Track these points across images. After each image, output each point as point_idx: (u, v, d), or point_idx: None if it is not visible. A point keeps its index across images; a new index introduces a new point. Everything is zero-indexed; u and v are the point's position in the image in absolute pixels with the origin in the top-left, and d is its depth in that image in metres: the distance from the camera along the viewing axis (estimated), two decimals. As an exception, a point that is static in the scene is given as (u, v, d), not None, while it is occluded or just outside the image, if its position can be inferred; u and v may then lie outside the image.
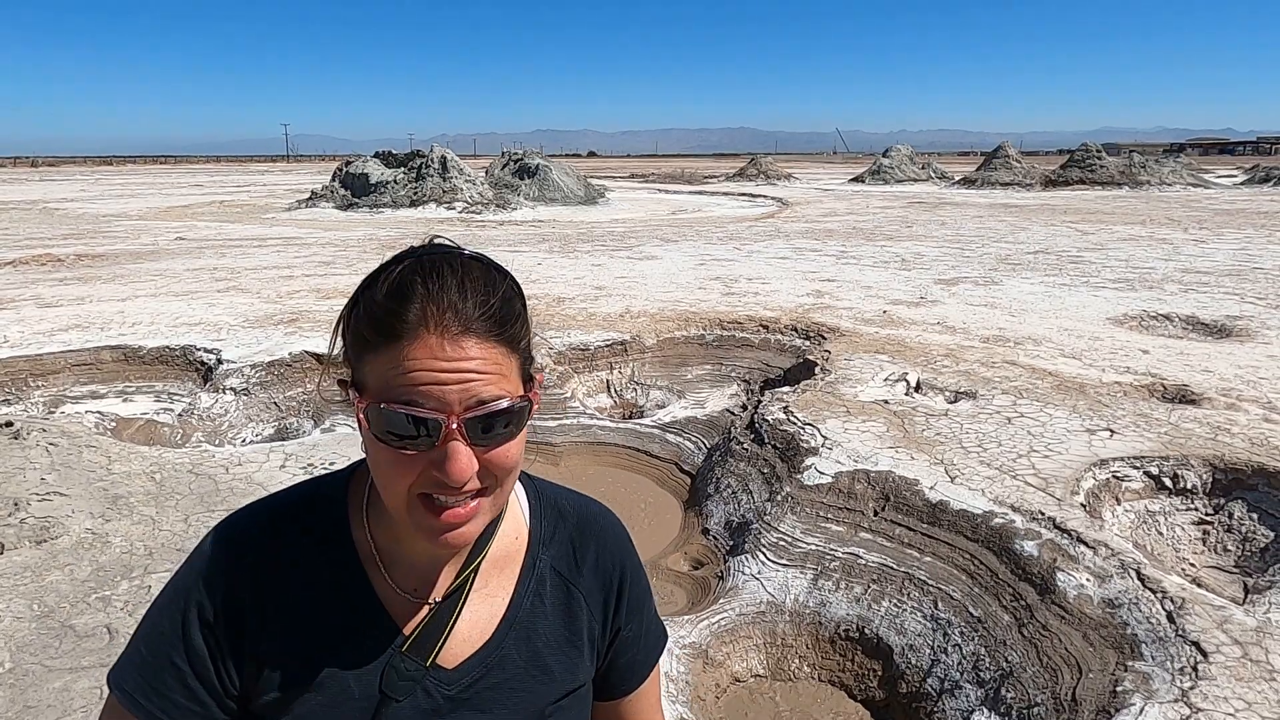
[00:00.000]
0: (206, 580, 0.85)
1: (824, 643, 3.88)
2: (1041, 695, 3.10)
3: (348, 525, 0.90)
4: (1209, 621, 3.17)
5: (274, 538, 0.87)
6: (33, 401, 6.76)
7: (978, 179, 38.85)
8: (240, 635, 0.84)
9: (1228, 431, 5.11)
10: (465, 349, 0.76)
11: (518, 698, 0.91)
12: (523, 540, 0.97)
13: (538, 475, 1.06)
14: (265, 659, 0.85)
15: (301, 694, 0.84)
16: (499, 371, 0.78)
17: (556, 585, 0.97)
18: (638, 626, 1.03)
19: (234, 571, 0.85)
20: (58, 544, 3.81)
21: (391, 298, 0.77)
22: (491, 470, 0.80)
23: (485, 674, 0.90)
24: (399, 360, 0.76)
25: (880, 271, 12.40)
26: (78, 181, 51.41)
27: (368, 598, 0.88)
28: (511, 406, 0.79)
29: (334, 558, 0.88)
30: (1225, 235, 17.23)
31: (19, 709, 2.72)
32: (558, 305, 9.55)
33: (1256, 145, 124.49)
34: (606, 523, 1.03)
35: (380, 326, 0.77)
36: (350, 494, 0.91)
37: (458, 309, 0.76)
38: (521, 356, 0.83)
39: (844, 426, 5.33)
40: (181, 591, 0.86)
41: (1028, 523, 3.96)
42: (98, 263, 13.28)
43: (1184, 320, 8.93)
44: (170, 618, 0.85)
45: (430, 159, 26.70)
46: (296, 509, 0.90)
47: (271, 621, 0.85)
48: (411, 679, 0.86)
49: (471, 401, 0.76)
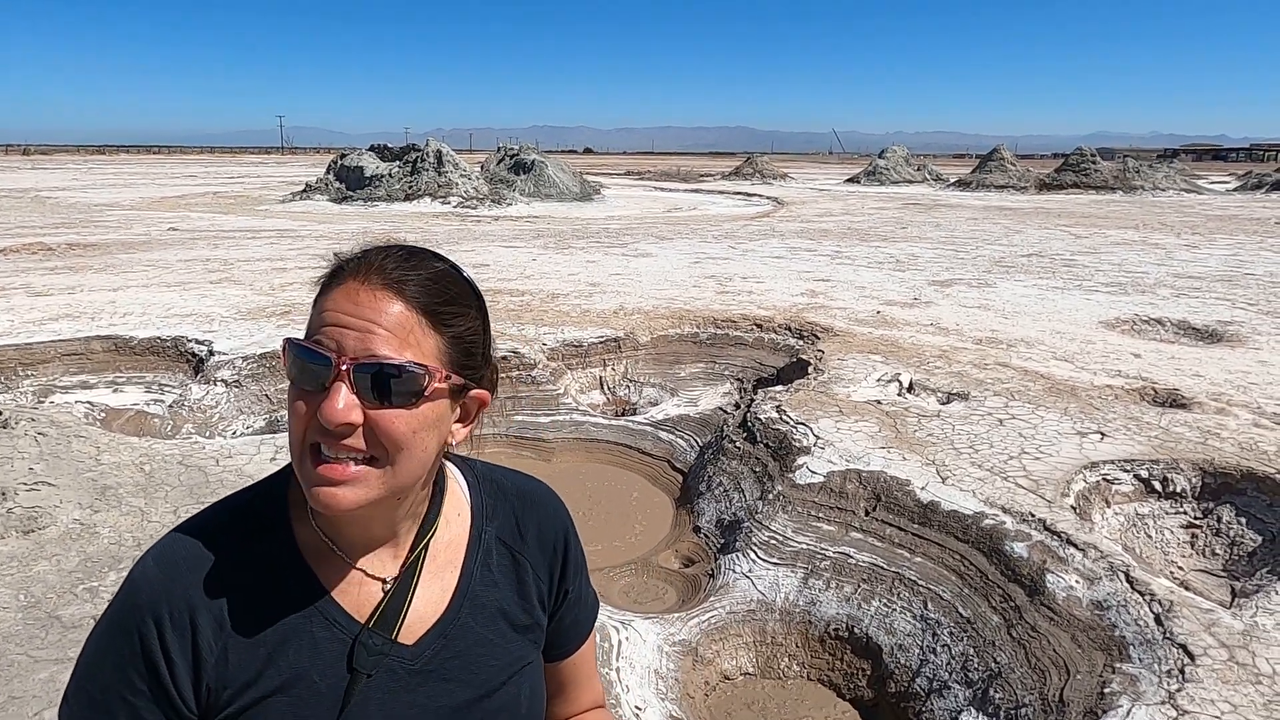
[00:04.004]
0: (150, 605, 0.83)
1: (814, 641, 3.88)
2: (1029, 696, 3.11)
3: (288, 522, 0.90)
4: (1197, 624, 3.18)
5: (214, 549, 0.86)
6: (22, 391, 6.71)
7: (973, 181, 38.94)
8: (193, 653, 0.83)
9: (1217, 436, 5.14)
10: (379, 303, 0.80)
11: (480, 664, 0.94)
12: (466, 517, 1.00)
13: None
14: (222, 672, 0.84)
15: (266, 698, 0.84)
16: (407, 339, 0.81)
17: (503, 555, 1.00)
18: (579, 588, 1.09)
19: (180, 593, 0.83)
20: (45, 534, 3.79)
21: (341, 258, 0.85)
22: (378, 435, 0.80)
23: (445, 645, 0.92)
24: (324, 303, 0.82)
25: (874, 272, 12.42)
26: (70, 170, 51.06)
27: (315, 593, 0.88)
28: (404, 367, 0.79)
29: (276, 559, 0.88)
30: (1217, 241, 17.31)
31: (4, 699, 2.70)
32: (551, 301, 9.53)
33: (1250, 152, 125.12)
34: (544, 494, 1.08)
35: (324, 279, 0.84)
36: (293, 488, 0.91)
37: (386, 270, 0.82)
38: (448, 343, 0.84)
39: (836, 426, 5.34)
40: (124, 619, 0.83)
41: (1018, 524, 3.97)
42: (89, 252, 13.19)
43: (1176, 325, 8.98)
44: (117, 649, 0.83)
45: (426, 153, 26.61)
46: (233, 517, 0.90)
47: (222, 634, 0.84)
48: (380, 653, 0.88)
49: (364, 352, 0.79)
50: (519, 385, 6.89)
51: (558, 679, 1.11)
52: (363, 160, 27.29)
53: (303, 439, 0.80)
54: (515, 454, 6.30)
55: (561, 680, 1.12)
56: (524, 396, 6.84)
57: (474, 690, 0.93)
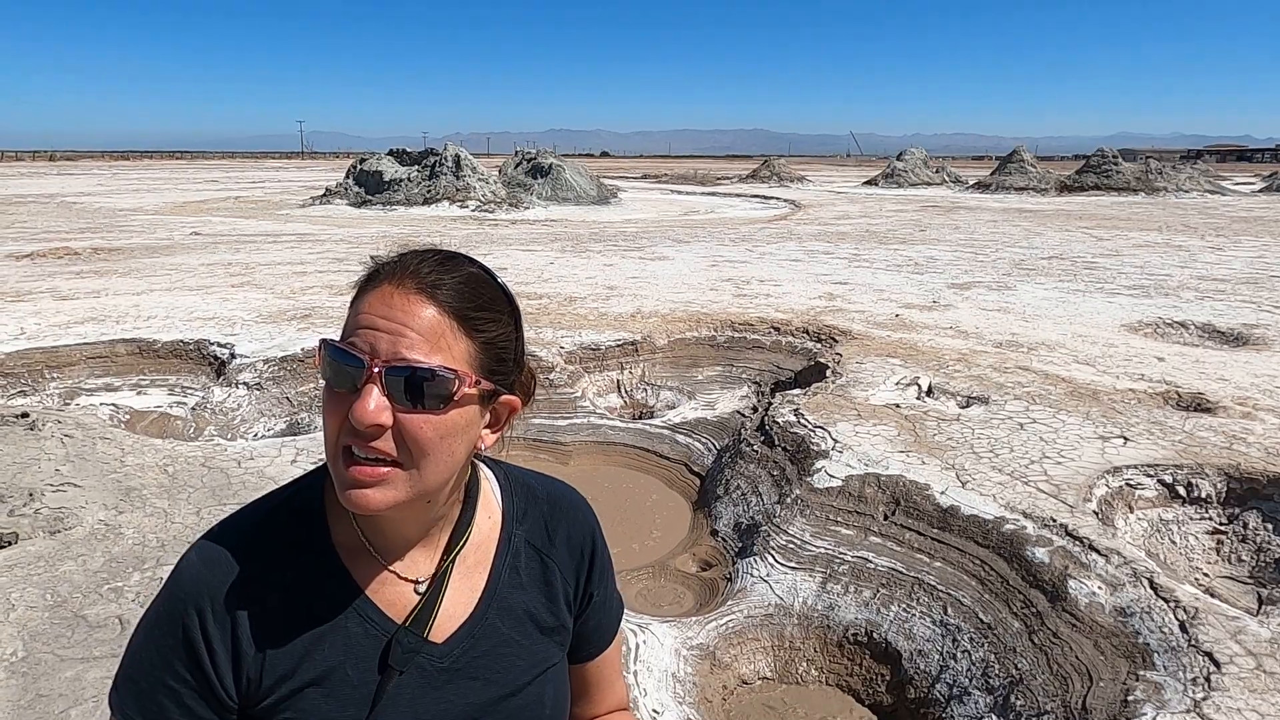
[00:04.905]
0: (193, 596, 0.86)
1: (832, 646, 3.86)
2: (1051, 703, 3.08)
3: (325, 523, 0.92)
4: (1222, 632, 3.14)
5: (254, 546, 0.89)
6: (48, 393, 6.82)
7: (992, 183, 38.64)
8: (234, 645, 0.86)
9: (1243, 440, 5.06)
10: (411, 307, 0.82)
11: (506, 664, 0.96)
12: (496, 520, 1.02)
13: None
14: (261, 664, 0.87)
15: (303, 689, 0.87)
16: (438, 343, 0.82)
17: (531, 558, 1.02)
18: (605, 591, 1.11)
19: (221, 587, 0.87)
20: (71, 534, 3.85)
21: (378, 261, 0.87)
22: (405, 439, 0.81)
23: (474, 644, 0.94)
24: (359, 306, 0.84)
25: (893, 275, 12.35)
26: (95, 176, 51.83)
27: (351, 591, 0.90)
28: (435, 371, 0.80)
29: (314, 558, 0.90)
30: (1243, 243, 17.07)
31: (31, 697, 2.74)
32: (569, 304, 9.55)
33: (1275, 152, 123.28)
34: (575, 499, 1.11)
35: (360, 282, 0.86)
36: (328, 490, 0.93)
37: (421, 274, 0.83)
38: (480, 348, 0.86)
39: (855, 430, 5.31)
40: (170, 610, 0.87)
41: (1039, 529, 3.93)
42: (114, 256, 13.38)
43: (1200, 328, 8.85)
44: (162, 638, 0.86)
45: (444, 157, 26.78)
46: (273, 515, 0.93)
47: (261, 627, 0.87)
48: (413, 650, 0.90)
49: (395, 355, 0.80)
50: (537, 388, 6.91)
51: (583, 681, 1.13)
52: (382, 165, 27.49)
53: (336, 440, 0.82)
54: (533, 457, 6.32)
55: (586, 682, 1.14)
56: (541, 400, 6.85)
57: (500, 689, 0.95)
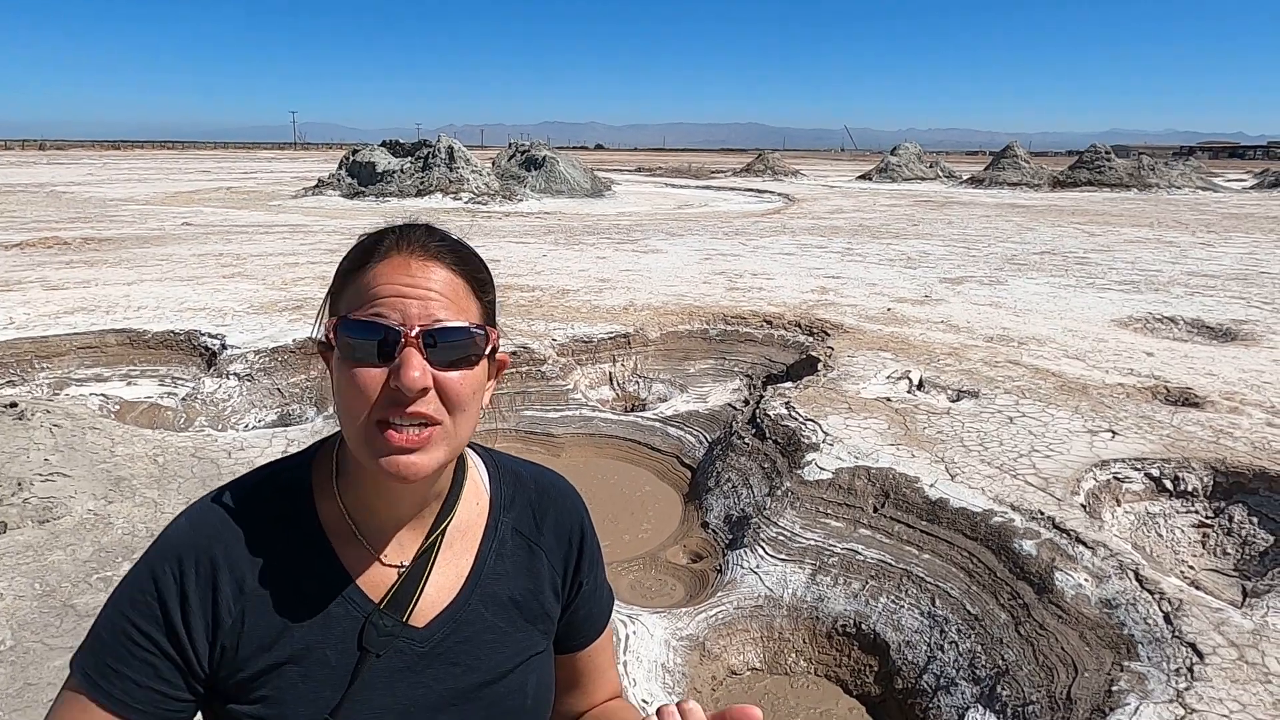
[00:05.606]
0: (177, 556, 0.86)
1: (821, 637, 3.89)
2: (1037, 694, 3.11)
3: (312, 501, 0.92)
4: (1206, 623, 3.17)
5: (242, 518, 0.90)
6: (38, 383, 6.78)
7: (985, 178, 38.72)
8: (213, 610, 0.86)
9: (1230, 435, 5.10)
10: (430, 271, 0.84)
11: (488, 651, 0.96)
12: (484, 506, 1.01)
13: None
14: (239, 635, 0.86)
15: (279, 666, 0.87)
16: (460, 303, 0.85)
17: (519, 545, 1.02)
18: (594, 580, 1.10)
19: (207, 549, 0.87)
20: (60, 524, 3.84)
21: (369, 236, 0.89)
22: (446, 396, 0.83)
23: (455, 629, 0.94)
24: (370, 278, 0.84)
25: (885, 269, 12.38)
26: (85, 165, 51.47)
27: (335, 570, 0.90)
28: (468, 328, 0.84)
29: (300, 535, 0.91)
30: (1233, 239, 17.17)
31: (19, 686, 2.74)
32: (562, 297, 9.55)
33: (1267, 150, 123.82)
34: (563, 487, 1.10)
35: (357, 257, 0.87)
36: (316, 469, 0.94)
37: (425, 242, 0.86)
38: (485, 308, 0.90)
39: (845, 423, 5.33)
40: (150, 567, 0.86)
41: (1027, 522, 3.96)
42: (104, 246, 13.31)
43: (1189, 323, 8.91)
44: (135, 598, 0.85)
45: (437, 149, 26.68)
46: (262, 489, 0.93)
47: (242, 598, 0.87)
48: (390, 634, 0.90)
49: (429, 319, 0.82)
50: (529, 380, 6.91)
51: (575, 671, 1.12)
52: (375, 156, 27.39)
53: (368, 415, 0.81)
54: (524, 449, 6.32)
55: (579, 672, 1.13)
56: (533, 391, 6.86)
57: (480, 675, 0.95)
